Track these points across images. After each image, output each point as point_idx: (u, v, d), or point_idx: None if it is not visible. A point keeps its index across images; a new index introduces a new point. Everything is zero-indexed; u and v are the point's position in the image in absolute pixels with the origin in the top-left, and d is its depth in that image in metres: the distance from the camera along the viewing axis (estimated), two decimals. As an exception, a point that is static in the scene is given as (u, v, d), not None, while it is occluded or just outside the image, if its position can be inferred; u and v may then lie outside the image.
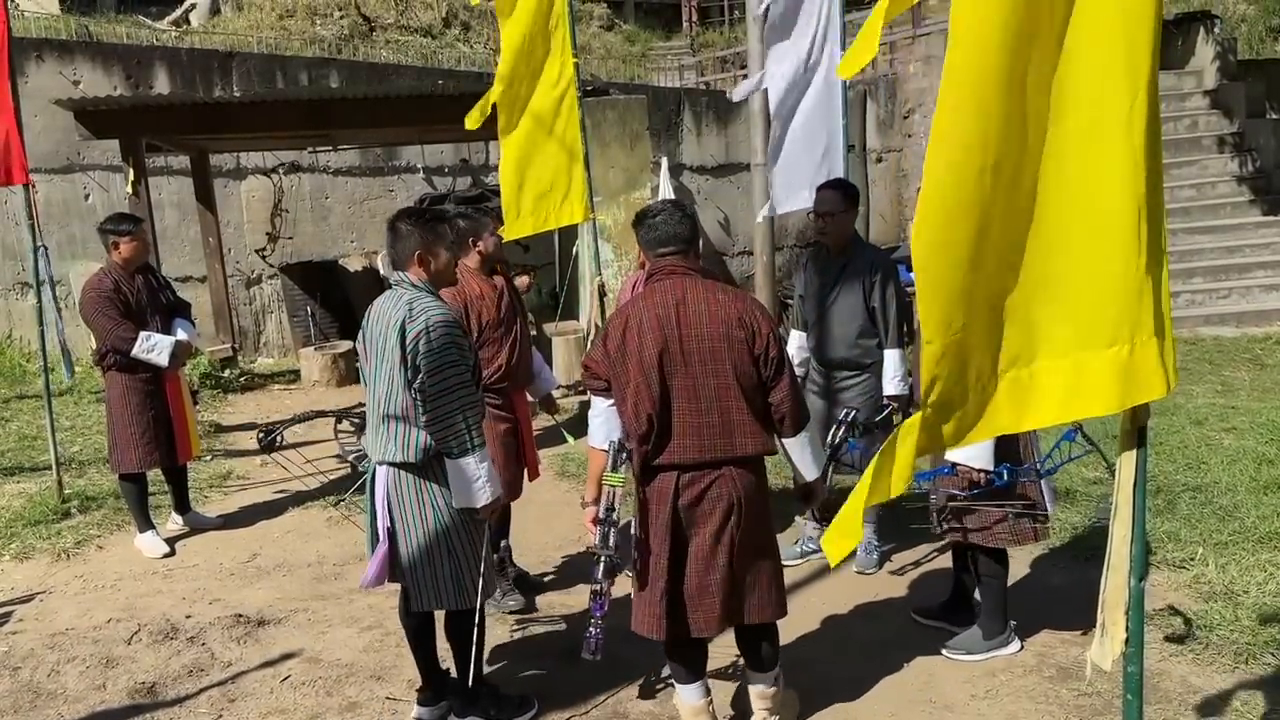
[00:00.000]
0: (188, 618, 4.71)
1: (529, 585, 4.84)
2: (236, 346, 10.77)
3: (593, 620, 3.48)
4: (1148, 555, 2.36)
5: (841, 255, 4.74)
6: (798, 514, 5.20)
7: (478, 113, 5.74)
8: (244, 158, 11.43)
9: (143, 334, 5.41)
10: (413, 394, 3.39)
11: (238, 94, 10.87)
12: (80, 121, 8.35)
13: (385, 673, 4.11)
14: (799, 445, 3.33)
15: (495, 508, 3.58)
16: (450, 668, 3.77)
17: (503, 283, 4.67)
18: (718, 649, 3.76)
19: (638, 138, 9.45)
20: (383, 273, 11.30)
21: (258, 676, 4.13)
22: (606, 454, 3.29)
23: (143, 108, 8.74)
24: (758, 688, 3.46)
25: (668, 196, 11.91)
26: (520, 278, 6.41)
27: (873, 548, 4.91)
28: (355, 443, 3.86)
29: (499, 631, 4.39)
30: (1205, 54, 14.06)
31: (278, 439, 4.16)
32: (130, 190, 8.64)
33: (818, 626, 4.37)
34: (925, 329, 2.12)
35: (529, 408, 4.90)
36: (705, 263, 12.31)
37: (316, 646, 4.38)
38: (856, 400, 4.68)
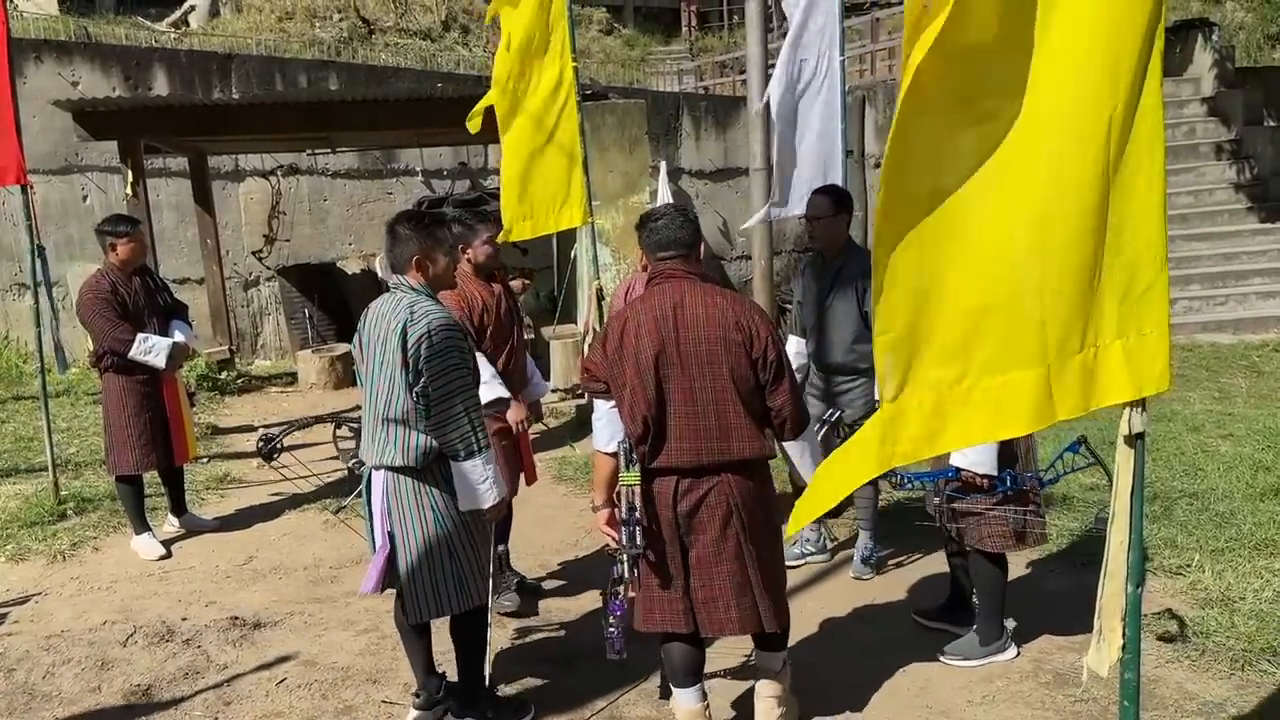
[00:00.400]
0: (184, 620, 4.70)
1: (528, 589, 4.84)
2: (234, 348, 10.77)
3: (612, 619, 3.46)
4: (1144, 562, 2.35)
5: (835, 260, 4.76)
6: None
7: (478, 117, 5.76)
8: (242, 160, 11.43)
9: (140, 336, 5.40)
10: (414, 397, 3.38)
11: (236, 96, 10.87)
12: (79, 122, 8.35)
13: (381, 676, 4.11)
14: (799, 449, 3.33)
15: (502, 509, 3.58)
16: (447, 670, 3.76)
17: (500, 289, 4.67)
18: (714, 654, 3.75)
19: (637, 142, 9.45)
20: (380, 275, 11.29)
21: (253, 679, 4.12)
22: (612, 457, 3.26)
23: (141, 109, 8.74)
24: (765, 686, 3.44)
25: (666, 201, 11.92)
26: (516, 281, 6.44)
27: (870, 552, 4.91)
28: (354, 448, 3.85)
29: (496, 635, 4.39)
30: (1203, 61, 14.10)
31: (277, 448, 4.15)
32: (129, 192, 8.64)
33: (815, 631, 4.37)
34: (876, 322, 2.15)
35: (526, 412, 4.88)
36: (705, 268, 12.19)
37: (313, 649, 4.37)
38: (856, 404, 4.70)
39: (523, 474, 4.76)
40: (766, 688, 3.46)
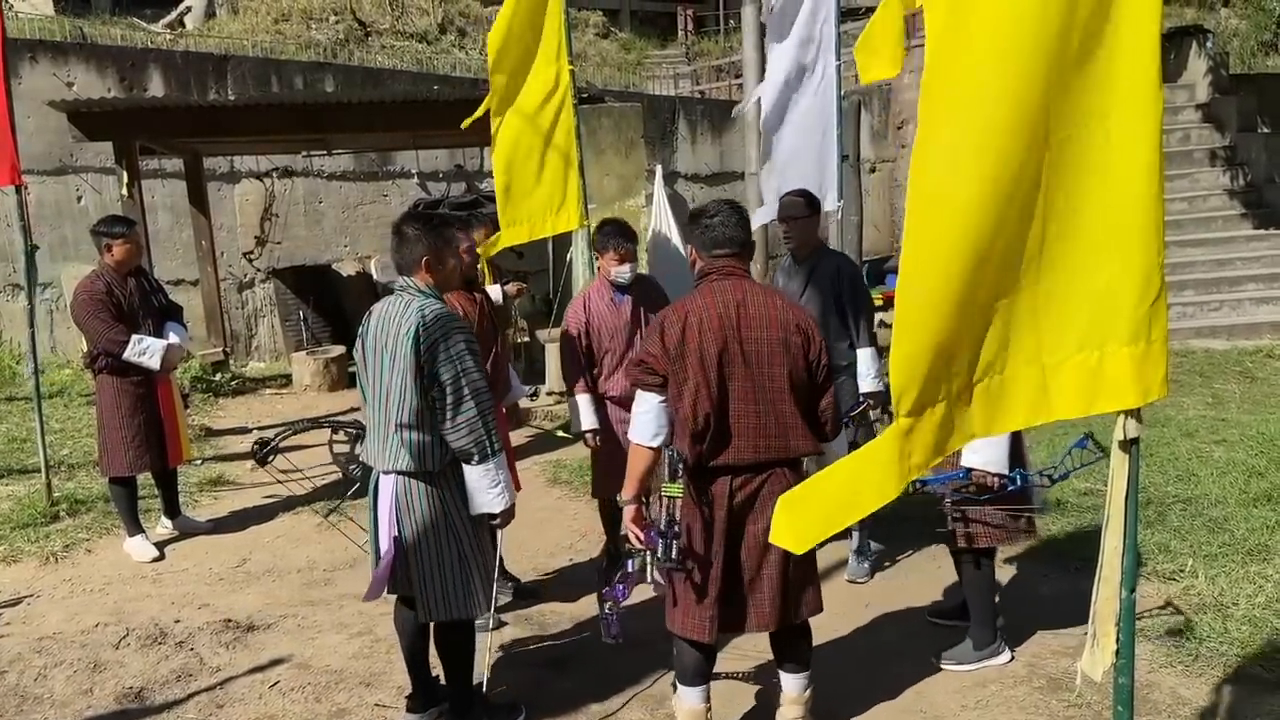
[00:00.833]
0: (176, 622, 4.68)
1: (523, 593, 4.83)
2: (228, 350, 10.74)
3: (611, 604, 3.43)
4: (1138, 566, 2.36)
5: (808, 261, 4.80)
6: None
7: (475, 117, 5.79)
8: (238, 161, 11.42)
9: (134, 337, 5.39)
10: (429, 402, 3.36)
11: (232, 97, 10.87)
12: (74, 123, 8.33)
13: (375, 679, 4.10)
14: (833, 449, 3.42)
15: (512, 514, 3.57)
16: (439, 674, 3.75)
17: (481, 298, 4.70)
18: (722, 656, 3.74)
19: (633, 145, 9.47)
20: (376, 277, 11.29)
21: (246, 682, 4.11)
22: (651, 451, 3.22)
23: (137, 110, 8.73)
24: (794, 690, 3.44)
25: (662, 205, 11.92)
26: (511, 285, 6.45)
27: (864, 555, 4.91)
28: (349, 453, 3.82)
29: (489, 639, 4.37)
30: (1197, 68, 14.15)
31: (272, 454, 4.14)
32: (124, 192, 8.62)
33: (809, 635, 4.37)
34: (895, 335, 2.14)
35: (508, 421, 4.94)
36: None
37: (306, 652, 4.36)
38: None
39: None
40: (790, 710, 3.46)
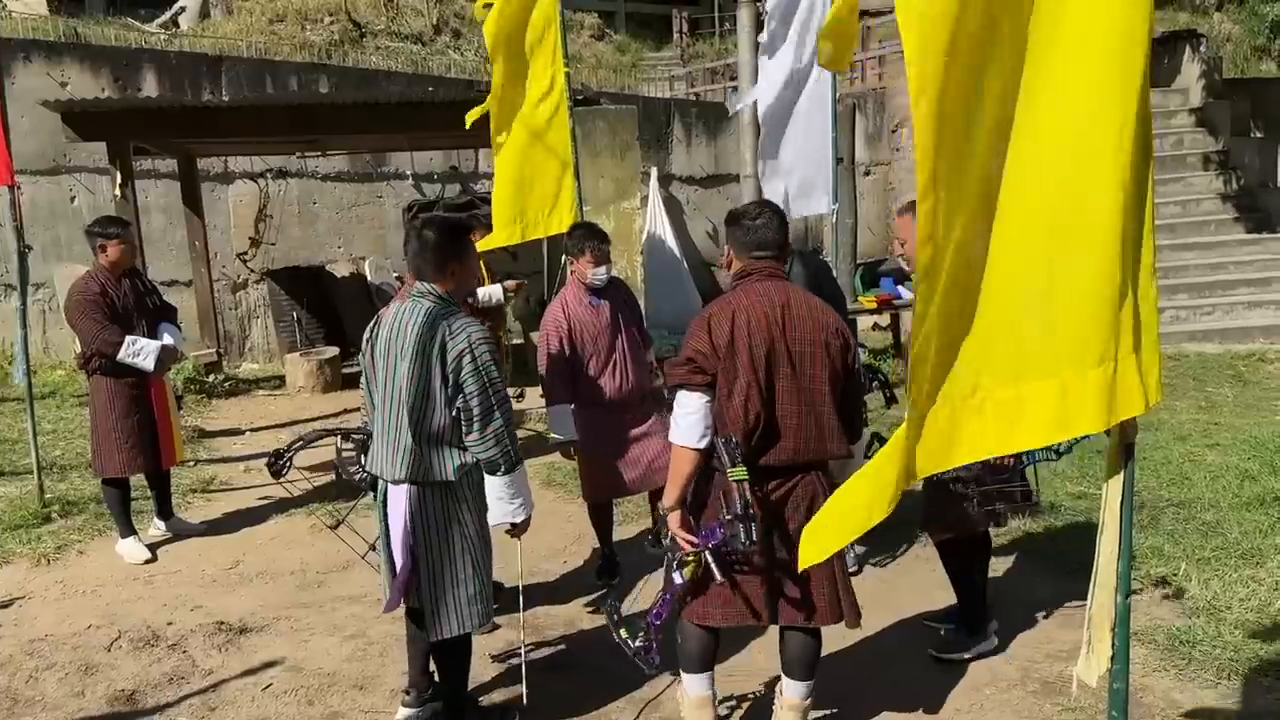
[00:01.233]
0: (169, 624, 4.67)
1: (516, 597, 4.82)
2: (221, 351, 10.72)
3: (650, 630, 3.42)
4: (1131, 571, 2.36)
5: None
6: None
7: (475, 116, 5.81)
8: (232, 162, 11.39)
9: (128, 338, 5.37)
10: (454, 413, 3.31)
11: (226, 98, 10.84)
12: (67, 123, 8.31)
13: (368, 682, 4.08)
14: (856, 453, 3.46)
15: (528, 524, 3.56)
16: (436, 673, 3.74)
17: (472, 301, 4.70)
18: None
19: (628, 147, 9.47)
20: (370, 278, 11.27)
21: (239, 685, 4.09)
22: (698, 454, 3.17)
23: (130, 110, 8.71)
24: (794, 696, 3.44)
25: (657, 207, 11.93)
26: (511, 282, 6.50)
27: (855, 556, 4.92)
28: (354, 458, 3.80)
29: (482, 642, 4.37)
30: (1191, 72, 14.19)
31: (287, 465, 4.15)
32: (116, 193, 8.60)
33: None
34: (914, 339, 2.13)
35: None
36: (694, 274, 12.20)
37: (299, 655, 4.35)
38: None
39: None
40: (787, 715, 3.46)
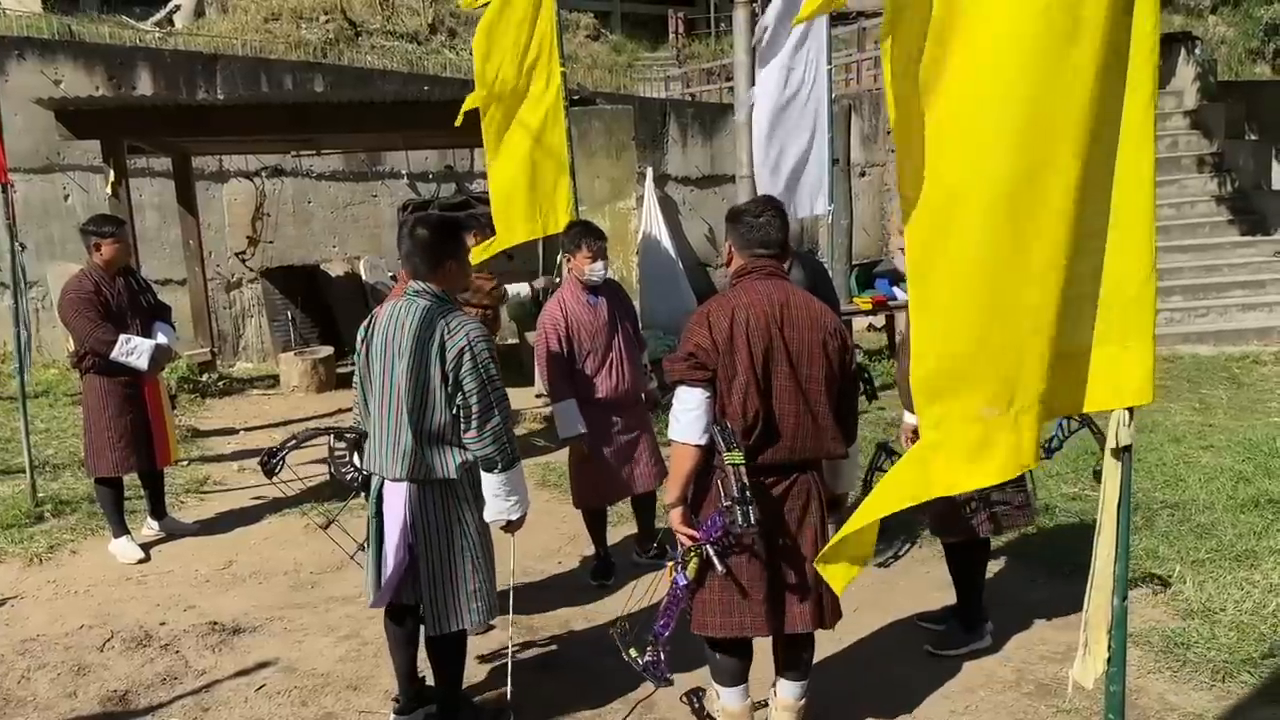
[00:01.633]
0: (162, 625, 4.65)
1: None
2: (215, 350, 10.69)
3: (658, 643, 3.41)
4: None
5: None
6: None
7: (466, 107, 5.81)
8: (226, 161, 11.36)
9: (122, 337, 5.35)
10: (455, 411, 3.31)
11: (221, 96, 10.81)
12: (61, 121, 8.26)
13: (362, 683, 4.07)
14: (852, 454, 3.42)
15: (523, 522, 3.55)
16: (426, 676, 3.73)
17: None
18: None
19: (624, 148, 9.45)
20: (365, 277, 11.24)
21: (232, 685, 4.08)
22: (699, 450, 3.16)
23: (125, 109, 8.67)
24: (789, 696, 3.44)
25: (653, 207, 11.92)
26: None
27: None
28: (346, 458, 3.78)
29: (476, 642, 4.36)
30: (1186, 74, 14.23)
31: (280, 464, 4.15)
32: (110, 191, 8.57)
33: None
34: (913, 355, 2.13)
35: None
36: (689, 275, 12.14)
37: (292, 655, 4.33)
38: None
39: None
40: (782, 716, 3.45)
